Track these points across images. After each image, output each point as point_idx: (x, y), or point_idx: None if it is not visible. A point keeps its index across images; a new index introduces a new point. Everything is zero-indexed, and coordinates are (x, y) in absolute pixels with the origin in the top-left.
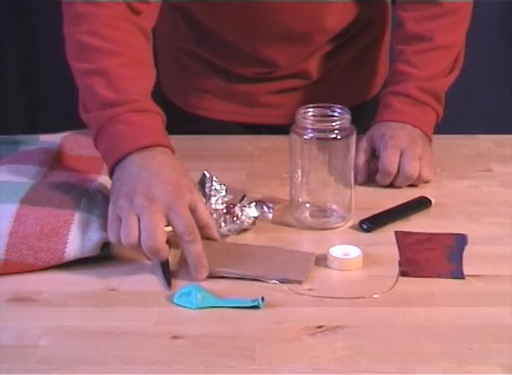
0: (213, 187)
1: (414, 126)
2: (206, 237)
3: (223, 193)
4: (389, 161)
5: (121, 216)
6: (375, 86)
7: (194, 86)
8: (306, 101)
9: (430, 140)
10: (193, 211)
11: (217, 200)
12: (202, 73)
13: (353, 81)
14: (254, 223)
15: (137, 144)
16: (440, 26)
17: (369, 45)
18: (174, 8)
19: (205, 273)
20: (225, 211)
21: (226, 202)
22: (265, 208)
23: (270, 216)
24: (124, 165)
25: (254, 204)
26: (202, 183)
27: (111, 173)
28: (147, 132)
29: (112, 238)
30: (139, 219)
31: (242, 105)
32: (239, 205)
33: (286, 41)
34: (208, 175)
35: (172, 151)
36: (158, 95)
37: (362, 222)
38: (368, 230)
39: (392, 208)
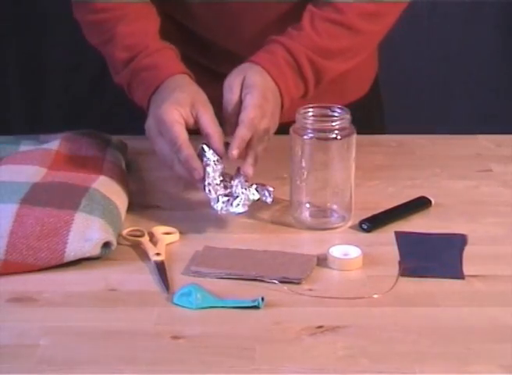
0: (212, 160)
1: (282, 95)
2: (211, 145)
3: (220, 165)
4: (251, 124)
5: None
6: (363, 86)
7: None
8: (296, 104)
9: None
10: (197, 121)
11: (215, 172)
12: (201, 77)
13: (341, 83)
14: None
15: (156, 83)
16: (359, 8)
17: None
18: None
19: (197, 175)
20: (222, 187)
21: (222, 175)
22: (266, 193)
23: (269, 200)
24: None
25: (254, 186)
26: (200, 156)
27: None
28: (161, 70)
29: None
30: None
31: None
32: (238, 181)
33: (265, 39)
34: (206, 149)
35: (186, 72)
36: None
37: (362, 222)
38: (368, 230)
39: (392, 208)
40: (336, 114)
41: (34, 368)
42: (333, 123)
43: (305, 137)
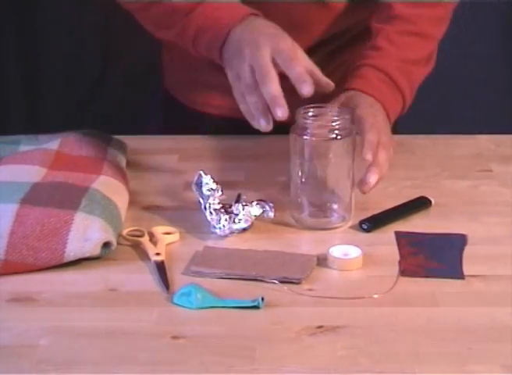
0: (210, 187)
1: (386, 112)
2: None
3: (219, 192)
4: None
5: (239, 72)
6: None
7: (198, 81)
8: (307, 101)
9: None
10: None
11: (214, 200)
12: (207, 68)
13: (344, 82)
14: (252, 223)
15: (235, 19)
16: (428, 14)
17: None
18: None
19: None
20: (223, 211)
21: (221, 201)
22: (267, 207)
23: (272, 214)
24: (228, 42)
25: (255, 203)
26: (199, 183)
27: (221, 58)
28: (239, 7)
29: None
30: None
31: None
32: (238, 204)
33: (286, 32)
34: (204, 175)
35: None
36: (161, 92)
37: (362, 222)
38: (368, 230)
39: (392, 208)
40: (336, 114)
41: (34, 368)
42: (333, 123)
43: (305, 137)
